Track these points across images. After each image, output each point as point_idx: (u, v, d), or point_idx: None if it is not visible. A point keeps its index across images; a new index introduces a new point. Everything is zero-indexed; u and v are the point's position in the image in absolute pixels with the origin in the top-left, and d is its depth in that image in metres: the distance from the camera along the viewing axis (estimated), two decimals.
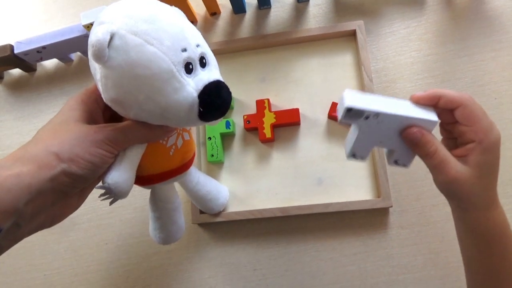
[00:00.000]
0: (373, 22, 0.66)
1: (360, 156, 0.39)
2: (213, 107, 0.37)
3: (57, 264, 0.66)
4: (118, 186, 0.37)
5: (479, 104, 0.37)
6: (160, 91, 0.34)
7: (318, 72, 0.65)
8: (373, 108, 0.35)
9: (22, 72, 0.77)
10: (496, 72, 0.61)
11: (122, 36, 0.33)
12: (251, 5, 0.72)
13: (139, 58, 0.33)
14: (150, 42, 0.33)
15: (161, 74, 0.33)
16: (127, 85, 0.34)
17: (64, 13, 0.79)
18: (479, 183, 0.36)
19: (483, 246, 0.39)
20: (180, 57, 0.34)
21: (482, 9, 0.64)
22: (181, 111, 0.36)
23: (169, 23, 0.35)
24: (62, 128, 0.35)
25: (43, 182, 0.31)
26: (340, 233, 0.60)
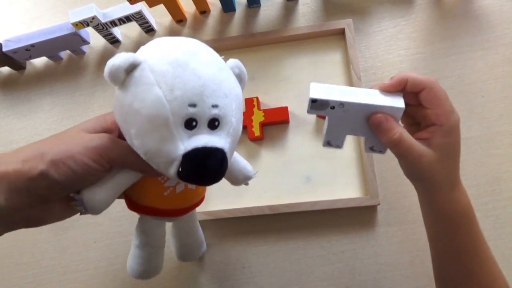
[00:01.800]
0: (362, 21, 0.66)
1: (335, 144, 0.41)
2: (193, 173, 0.34)
3: (45, 263, 0.66)
4: (92, 202, 0.36)
5: (443, 88, 0.37)
6: (148, 133, 0.33)
7: (307, 71, 0.66)
8: (337, 98, 0.36)
9: (11, 70, 0.76)
10: (484, 70, 0.62)
11: (142, 70, 0.33)
12: (240, 4, 0.72)
13: (143, 95, 0.33)
14: (160, 85, 0.33)
15: (155, 118, 0.33)
16: (126, 114, 0.34)
17: (53, 11, 0.78)
18: (442, 164, 0.37)
19: (447, 227, 0.40)
20: (183, 110, 0.33)
21: (470, 8, 0.64)
22: (162, 162, 0.34)
23: (195, 73, 0.33)
24: (66, 133, 0.35)
25: (23, 180, 0.31)
26: (328, 231, 0.60)
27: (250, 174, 0.48)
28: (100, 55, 0.74)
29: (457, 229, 0.40)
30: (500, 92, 0.60)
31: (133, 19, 0.68)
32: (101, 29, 0.68)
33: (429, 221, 0.43)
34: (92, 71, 0.74)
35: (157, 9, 0.67)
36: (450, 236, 0.41)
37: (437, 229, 0.42)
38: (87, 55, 0.75)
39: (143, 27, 0.71)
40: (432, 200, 0.41)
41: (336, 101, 0.36)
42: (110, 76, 0.33)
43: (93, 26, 0.67)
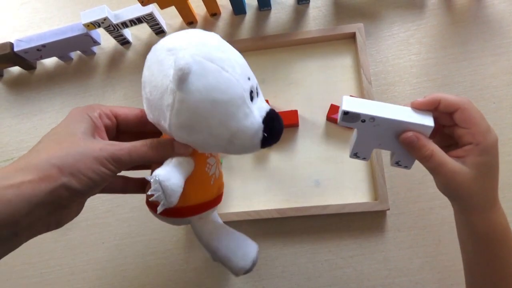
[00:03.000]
0: (372, 25, 0.66)
1: (362, 156, 0.42)
2: (275, 132, 0.38)
3: (53, 263, 0.66)
4: (169, 180, 0.35)
5: (477, 108, 0.37)
6: (233, 116, 0.35)
7: (317, 74, 0.66)
8: (368, 113, 0.37)
9: (22, 70, 0.77)
10: (496, 76, 0.61)
11: (199, 62, 0.33)
12: (251, 6, 0.72)
13: (217, 83, 0.34)
14: (225, 69, 0.34)
15: (235, 99, 0.35)
16: (203, 109, 0.34)
17: (64, 11, 0.79)
18: (477, 183, 0.36)
19: (484, 248, 0.39)
20: (247, 84, 0.36)
21: (482, 13, 0.64)
22: (248, 137, 0.37)
23: (234, 53, 0.37)
24: (67, 140, 0.34)
25: (43, 194, 0.30)
26: (337, 235, 0.60)
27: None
28: (110, 56, 0.74)
29: (495, 252, 0.39)
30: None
31: (144, 21, 0.68)
32: (112, 30, 0.68)
33: (465, 241, 0.42)
34: (102, 72, 0.74)
35: (168, 11, 0.67)
36: (486, 259, 0.40)
37: (473, 251, 0.41)
38: (98, 56, 0.75)
39: (154, 28, 0.72)
40: (468, 220, 0.39)
41: (368, 115, 0.37)
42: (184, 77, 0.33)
43: (104, 27, 0.67)
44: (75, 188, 0.32)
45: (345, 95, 0.39)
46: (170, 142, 0.38)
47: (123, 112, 0.41)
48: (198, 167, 0.41)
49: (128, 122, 0.41)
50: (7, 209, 0.29)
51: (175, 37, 0.36)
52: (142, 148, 0.36)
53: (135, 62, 0.73)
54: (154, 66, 0.36)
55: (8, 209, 0.29)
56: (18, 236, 0.32)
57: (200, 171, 0.41)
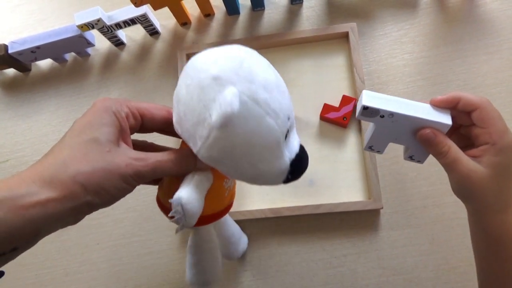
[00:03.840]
0: (366, 24, 0.67)
1: (376, 149, 0.43)
2: (300, 174, 0.37)
3: (48, 264, 0.66)
4: (190, 204, 0.35)
5: (496, 108, 0.37)
6: (265, 160, 0.34)
7: (310, 74, 0.66)
8: (388, 108, 0.37)
9: (17, 72, 0.77)
10: (488, 74, 0.62)
11: (245, 103, 0.31)
12: (245, 7, 0.72)
13: (258, 129, 0.32)
14: (270, 114, 0.32)
15: (272, 145, 0.34)
16: (236, 151, 0.33)
17: (59, 13, 0.79)
18: (493, 183, 0.36)
19: (498, 251, 0.39)
20: (286, 127, 0.34)
21: (474, 12, 0.64)
22: (272, 178, 0.36)
23: (281, 90, 0.34)
24: (94, 151, 0.33)
25: (65, 211, 0.30)
26: (331, 234, 0.60)
27: None
28: (105, 57, 0.75)
29: (508, 254, 0.38)
30: (505, 96, 0.60)
31: (138, 22, 0.68)
32: (106, 31, 0.69)
33: (478, 243, 0.41)
34: (97, 73, 0.74)
35: (161, 11, 0.67)
36: (499, 261, 0.39)
37: (486, 253, 0.40)
38: (92, 57, 0.75)
39: (148, 29, 0.72)
40: (482, 221, 0.39)
41: (387, 110, 0.37)
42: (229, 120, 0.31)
43: (98, 29, 0.67)
44: (97, 204, 0.32)
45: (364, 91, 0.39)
46: (193, 156, 0.36)
47: (150, 112, 0.39)
48: (216, 182, 0.40)
49: (154, 122, 0.39)
50: (30, 225, 0.28)
51: (219, 60, 0.33)
52: (167, 164, 0.35)
53: (129, 63, 0.73)
54: (195, 89, 0.33)
55: (31, 225, 0.29)
56: (34, 242, 0.31)
57: (218, 185, 0.41)
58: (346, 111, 0.61)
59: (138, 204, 0.66)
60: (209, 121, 0.32)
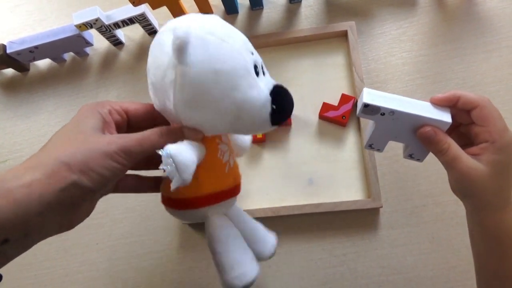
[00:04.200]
0: (364, 23, 0.66)
1: (377, 148, 0.43)
2: (285, 105, 0.38)
3: (48, 264, 0.66)
4: (181, 155, 0.34)
5: (496, 107, 0.37)
6: (237, 87, 0.35)
7: (309, 73, 0.66)
8: (389, 106, 0.38)
9: (15, 72, 0.77)
10: (487, 73, 0.61)
11: (200, 36, 0.33)
12: (243, 6, 0.72)
13: (218, 53, 0.34)
14: (226, 40, 0.34)
15: (237, 69, 0.35)
16: (205, 80, 0.34)
17: (57, 13, 0.79)
18: (492, 181, 0.36)
19: (496, 249, 0.39)
20: (250, 58, 0.36)
21: (473, 10, 0.64)
22: (255, 109, 0.36)
23: (235, 30, 0.37)
24: (76, 136, 0.34)
25: (54, 193, 0.30)
26: (331, 233, 0.59)
27: None
28: (104, 57, 0.74)
29: (506, 253, 0.38)
30: (504, 94, 0.60)
31: (136, 21, 0.68)
32: (104, 31, 0.68)
33: (476, 241, 0.41)
34: (95, 73, 0.74)
35: (160, 11, 0.67)
36: (499, 260, 0.39)
37: (485, 251, 0.40)
38: (91, 57, 0.75)
39: (146, 29, 0.72)
40: (481, 219, 0.39)
41: (388, 108, 0.38)
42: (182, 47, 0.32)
43: (97, 28, 0.67)
44: (86, 186, 0.31)
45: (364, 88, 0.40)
46: (179, 129, 0.38)
47: (134, 107, 0.40)
48: (210, 153, 0.40)
49: (138, 117, 0.40)
50: (17, 209, 0.28)
51: (176, 19, 0.37)
52: (152, 136, 0.36)
53: (128, 62, 0.73)
54: (156, 48, 0.36)
55: (19, 210, 0.28)
56: (29, 236, 0.31)
57: (212, 157, 0.40)
58: (345, 110, 0.61)
59: (137, 204, 0.66)
60: (172, 62, 0.34)
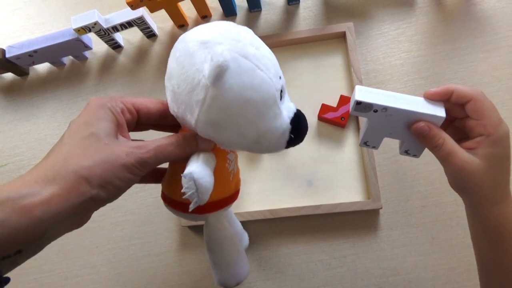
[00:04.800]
0: (363, 24, 0.66)
1: (372, 145, 0.43)
2: (302, 133, 0.38)
3: (47, 268, 0.66)
4: (203, 178, 0.35)
5: (490, 100, 0.37)
6: (263, 116, 0.34)
7: (308, 74, 0.66)
8: (381, 103, 0.37)
9: (15, 76, 0.77)
10: (487, 72, 0.61)
11: (235, 58, 0.32)
12: (242, 8, 0.72)
13: (251, 82, 0.33)
14: (260, 67, 0.33)
15: (268, 99, 0.34)
16: (234, 107, 0.33)
17: (56, 17, 0.79)
18: (488, 175, 0.36)
19: (496, 243, 0.39)
20: (278, 84, 0.35)
21: (472, 10, 0.64)
22: (275, 137, 0.36)
23: (267, 50, 0.36)
24: (93, 145, 0.33)
25: (72, 207, 0.30)
26: (330, 235, 0.59)
27: None
28: (103, 60, 0.75)
29: (506, 247, 0.38)
30: (503, 94, 0.60)
31: (135, 25, 0.68)
32: (103, 34, 0.69)
33: (476, 235, 0.41)
34: (94, 77, 0.74)
35: (158, 14, 0.67)
36: (498, 254, 0.39)
37: (485, 246, 0.40)
38: (90, 61, 0.75)
39: (145, 32, 0.72)
40: (479, 213, 0.39)
41: (380, 105, 0.37)
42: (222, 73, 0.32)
43: (95, 32, 0.67)
44: (102, 198, 0.32)
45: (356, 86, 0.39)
46: (194, 138, 0.37)
47: (145, 106, 0.39)
48: (219, 163, 0.40)
49: (150, 116, 0.40)
50: (35, 225, 0.28)
51: (206, 29, 0.35)
52: (168, 147, 0.36)
53: (127, 66, 0.73)
54: (185, 58, 0.34)
55: (36, 225, 0.28)
56: (42, 245, 0.31)
57: (221, 167, 0.40)
58: (344, 111, 0.61)
59: (137, 207, 0.66)
60: (203, 82, 0.32)
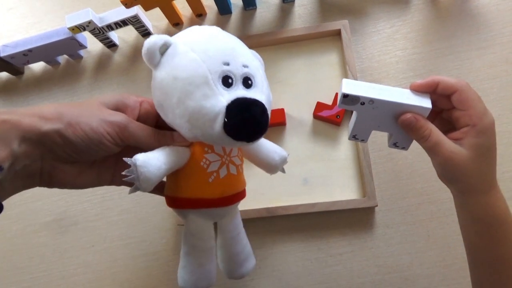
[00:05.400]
0: (358, 22, 0.66)
1: (360, 138, 0.43)
2: (238, 119, 0.35)
3: (44, 267, 0.66)
4: (145, 167, 0.35)
5: (475, 90, 0.37)
6: (190, 95, 0.36)
7: (303, 72, 0.65)
8: (368, 95, 0.38)
9: (10, 76, 0.77)
10: (481, 70, 0.61)
11: (175, 45, 0.37)
12: (236, 6, 0.72)
13: (180, 62, 0.36)
14: (195, 50, 0.37)
15: (194, 78, 0.36)
16: (166, 86, 0.37)
17: (51, 16, 0.79)
18: (475, 164, 0.36)
19: (484, 232, 0.39)
20: (219, 68, 0.36)
21: (466, 7, 0.64)
22: (207, 120, 0.36)
23: (223, 41, 0.39)
24: (85, 102, 0.37)
25: (36, 133, 0.32)
26: (326, 233, 0.59)
27: (285, 154, 0.49)
28: (98, 59, 0.74)
29: (494, 236, 0.38)
30: (498, 91, 0.60)
31: (130, 23, 0.68)
32: (97, 33, 0.68)
33: (465, 226, 0.41)
34: (89, 75, 0.74)
35: (153, 12, 0.67)
36: (486, 243, 0.39)
37: (473, 235, 0.41)
38: (85, 59, 0.75)
39: (140, 30, 0.72)
40: (467, 203, 0.39)
41: (367, 97, 0.37)
42: (148, 54, 0.37)
43: (90, 31, 0.67)
44: (68, 137, 0.34)
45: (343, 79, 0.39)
46: (170, 133, 0.40)
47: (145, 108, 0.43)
48: (193, 160, 0.40)
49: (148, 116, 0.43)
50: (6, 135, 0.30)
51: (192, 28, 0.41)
52: (147, 131, 0.39)
53: (122, 64, 0.73)
54: None
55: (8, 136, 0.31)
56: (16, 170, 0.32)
57: (194, 164, 0.41)
58: (339, 109, 0.61)
59: (133, 206, 0.66)
60: None
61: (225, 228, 0.48)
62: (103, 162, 0.40)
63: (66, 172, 0.37)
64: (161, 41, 0.37)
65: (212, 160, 0.41)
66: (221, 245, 0.49)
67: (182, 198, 0.42)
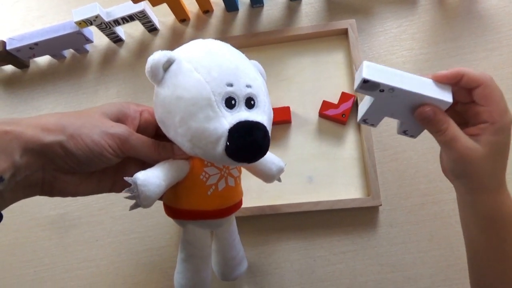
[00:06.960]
0: (365, 21, 0.66)
1: (370, 123, 0.41)
2: (241, 143, 0.35)
3: (47, 261, 0.66)
4: (146, 186, 0.35)
5: (499, 87, 0.36)
6: (193, 116, 0.35)
7: (309, 71, 0.65)
8: (389, 83, 0.36)
9: (15, 69, 0.77)
10: (488, 71, 0.60)
11: (179, 62, 0.37)
12: (243, 3, 0.72)
13: (184, 81, 0.36)
14: (198, 70, 0.36)
15: (198, 99, 0.35)
16: (168, 105, 0.36)
17: (57, 10, 0.79)
18: (488, 162, 0.36)
19: (489, 229, 0.38)
20: (223, 89, 0.36)
21: (474, 9, 0.64)
22: (209, 142, 0.36)
23: (227, 59, 0.37)
24: (87, 113, 0.37)
25: (38, 144, 0.32)
26: (330, 231, 0.60)
27: (282, 165, 0.51)
28: (104, 54, 0.74)
29: (499, 234, 0.38)
30: (504, 93, 0.59)
31: (136, 18, 0.68)
32: (104, 28, 0.68)
33: (468, 224, 0.41)
34: (95, 70, 0.74)
35: (160, 8, 0.67)
36: (490, 240, 0.39)
37: (477, 233, 0.40)
38: (91, 54, 0.75)
39: (146, 26, 0.71)
40: (473, 200, 0.38)
41: (388, 85, 0.35)
42: (151, 72, 0.36)
43: (97, 25, 0.67)
44: (70, 149, 0.34)
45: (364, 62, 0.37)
46: (171, 145, 0.40)
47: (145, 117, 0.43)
48: (192, 173, 0.41)
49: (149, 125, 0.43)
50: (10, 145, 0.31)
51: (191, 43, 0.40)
52: (148, 142, 0.39)
53: (128, 59, 0.73)
54: None
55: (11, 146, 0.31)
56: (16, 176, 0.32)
57: (193, 177, 0.41)
58: (345, 108, 0.61)
59: None
60: None
61: (222, 236, 0.50)
62: (103, 171, 0.40)
63: (67, 182, 0.37)
64: (164, 57, 0.36)
65: (212, 174, 0.42)
66: (217, 250, 0.52)
67: (181, 210, 0.43)
